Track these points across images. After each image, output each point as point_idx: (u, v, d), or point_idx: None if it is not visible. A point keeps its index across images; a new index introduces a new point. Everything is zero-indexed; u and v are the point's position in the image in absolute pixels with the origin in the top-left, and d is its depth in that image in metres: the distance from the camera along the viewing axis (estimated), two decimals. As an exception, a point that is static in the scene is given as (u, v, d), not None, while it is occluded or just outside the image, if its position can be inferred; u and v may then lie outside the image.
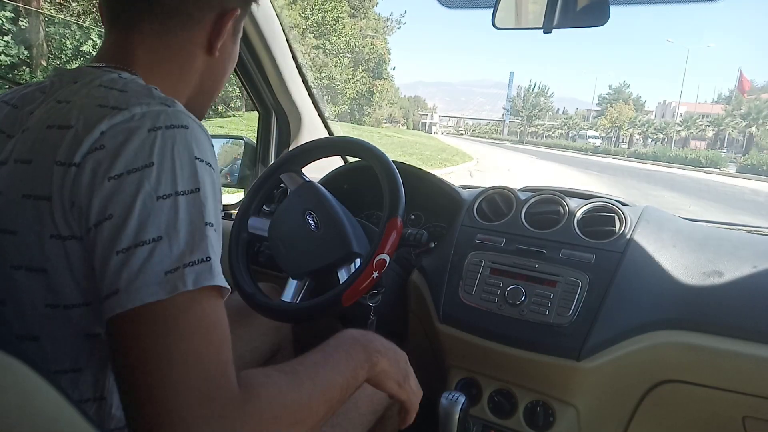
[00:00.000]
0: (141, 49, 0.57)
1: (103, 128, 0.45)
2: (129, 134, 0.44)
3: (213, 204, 0.46)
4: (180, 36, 0.59)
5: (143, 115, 0.46)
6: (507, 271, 0.96)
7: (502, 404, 0.96)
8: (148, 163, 0.43)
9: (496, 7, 0.95)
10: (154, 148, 0.44)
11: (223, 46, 0.62)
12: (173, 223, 0.42)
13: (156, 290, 0.41)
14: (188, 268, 0.42)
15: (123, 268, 0.41)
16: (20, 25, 8.76)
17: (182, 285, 0.41)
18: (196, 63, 0.61)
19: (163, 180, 0.43)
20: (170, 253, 0.42)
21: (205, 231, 0.44)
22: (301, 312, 0.94)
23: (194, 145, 0.46)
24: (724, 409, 0.85)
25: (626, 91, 66.34)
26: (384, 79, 27.92)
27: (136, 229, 0.42)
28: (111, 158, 0.43)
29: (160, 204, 0.42)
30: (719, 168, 25.40)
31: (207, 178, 0.46)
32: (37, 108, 0.52)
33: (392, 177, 0.93)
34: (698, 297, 0.86)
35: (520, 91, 75.09)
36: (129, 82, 0.51)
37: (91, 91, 0.49)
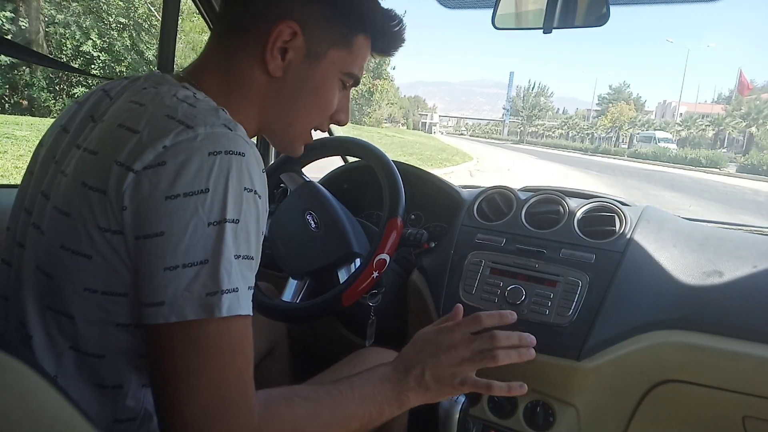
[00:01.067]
0: (212, 64, 0.60)
1: (167, 143, 0.47)
2: (190, 154, 0.46)
3: (255, 235, 0.49)
4: (235, 48, 0.58)
5: (206, 136, 0.47)
6: (507, 271, 0.96)
7: (502, 404, 0.96)
8: (204, 189, 0.46)
9: (496, 7, 0.95)
10: (212, 174, 0.46)
11: (290, 67, 0.59)
12: (218, 250, 0.45)
13: (197, 310, 0.45)
14: (225, 295, 0.45)
15: (170, 283, 0.45)
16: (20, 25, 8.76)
17: (218, 311, 0.45)
18: (257, 82, 0.60)
19: (214, 207, 0.46)
20: (211, 277, 0.45)
21: (238, 263, 0.47)
22: (301, 312, 0.94)
23: (247, 174, 0.48)
24: (724, 409, 0.85)
25: (626, 91, 66.36)
26: (384, 79, 27.92)
27: (185, 251, 0.45)
28: (171, 177, 0.45)
29: (210, 230, 0.45)
30: (719, 168, 25.41)
31: (252, 208, 0.49)
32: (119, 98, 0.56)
33: (392, 177, 0.93)
34: (698, 297, 0.86)
35: (519, 91, 75.10)
36: (199, 102, 0.52)
37: (164, 100, 0.51)
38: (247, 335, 0.48)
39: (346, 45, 0.62)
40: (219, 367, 0.46)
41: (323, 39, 0.60)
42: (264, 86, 0.60)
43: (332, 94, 0.65)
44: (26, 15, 8.90)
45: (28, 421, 0.39)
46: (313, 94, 0.63)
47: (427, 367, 0.61)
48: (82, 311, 0.50)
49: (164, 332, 0.46)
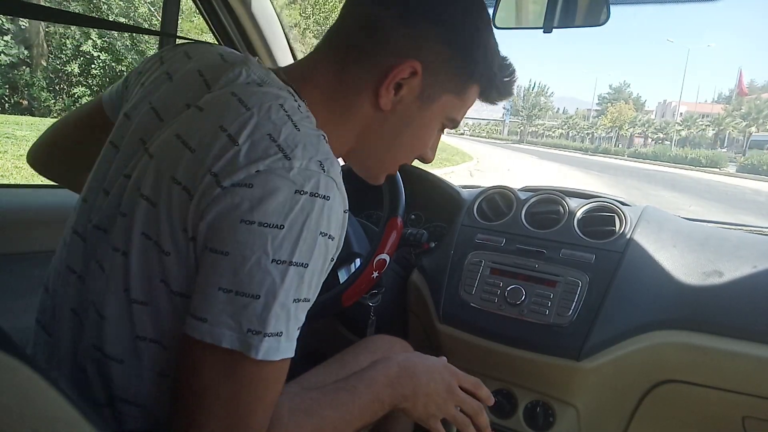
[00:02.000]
0: (320, 77, 0.58)
1: (261, 168, 0.46)
2: (279, 186, 0.45)
3: (318, 277, 0.49)
4: (352, 71, 0.57)
5: (299, 172, 0.46)
6: (507, 271, 0.96)
7: (502, 404, 0.96)
8: (280, 225, 0.45)
9: (496, 7, 0.95)
10: (291, 212, 0.45)
11: (400, 104, 0.58)
12: (274, 290, 0.44)
13: (233, 341, 0.44)
14: (266, 338, 0.44)
15: (219, 304, 0.44)
16: (20, 24, 8.76)
17: (254, 352, 0.44)
18: (362, 110, 0.59)
19: (284, 246, 0.45)
20: (259, 316, 0.44)
21: (290, 307, 0.46)
22: (301, 312, 0.94)
23: (327, 219, 0.47)
24: (724, 409, 0.85)
25: (626, 91, 66.39)
26: (384, 79, 27.90)
27: (242, 279, 0.44)
28: (253, 203, 0.45)
29: (272, 267, 0.44)
30: (719, 168, 25.41)
31: (323, 254, 0.48)
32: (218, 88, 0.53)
33: (392, 177, 0.93)
34: (698, 297, 0.86)
35: (520, 91, 75.06)
36: (304, 120, 0.51)
37: (271, 111, 0.50)
38: (280, 375, 0.48)
39: (459, 92, 0.61)
40: (243, 400, 0.45)
41: (441, 83, 0.59)
42: (369, 117, 0.59)
43: (432, 136, 0.64)
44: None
45: (28, 421, 0.39)
46: (416, 134, 0.62)
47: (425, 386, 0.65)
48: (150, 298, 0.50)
49: (197, 348, 0.45)
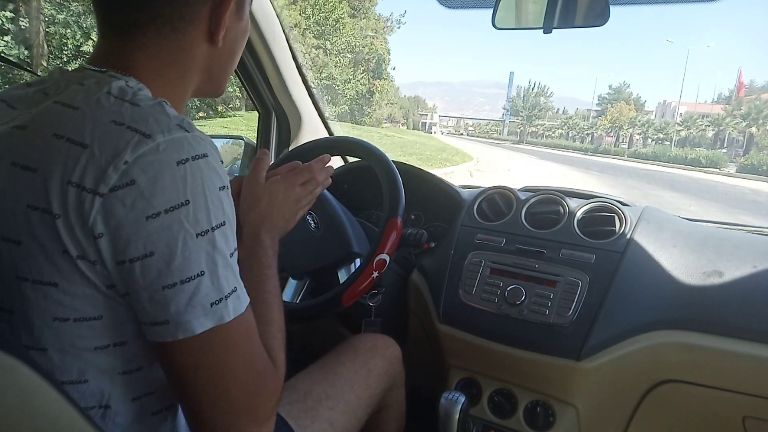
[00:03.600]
0: (140, 56, 0.54)
1: (127, 158, 0.43)
2: (159, 169, 0.44)
3: (235, 225, 0.50)
4: (177, 39, 0.55)
5: (167, 145, 0.45)
6: (507, 271, 0.96)
7: (502, 404, 0.96)
8: (184, 201, 0.44)
9: (496, 7, 0.95)
10: (186, 184, 0.45)
11: (227, 31, 0.58)
12: (212, 258, 0.46)
13: (204, 321, 0.45)
14: (229, 298, 0.47)
15: (171, 302, 0.44)
16: (20, 24, 8.76)
17: (227, 315, 0.46)
18: (198, 59, 0.58)
19: (199, 217, 0.45)
20: (212, 287, 0.46)
21: (231, 261, 0.48)
22: (301, 312, 0.94)
23: (215, 173, 0.48)
24: (724, 409, 0.85)
25: (626, 91, 66.35)
26: (384, 79, 27.92)
27: (181, 267, 0.44)
28: (146, 196, 0.43)
29: (199, 241, 0.45)
30: (719, 168, 25.40)
31: (229, 205, 0.49)
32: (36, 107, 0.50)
33: (392, 177, 0.93)
34: (698, 297, 0.85)
35: (519, 91, 75.08)
36: (138, 93, 0.49)
37: (101, 100, 0.47)
38: (251, 316, 0.51)
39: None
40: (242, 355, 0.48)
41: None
42: (206, 57, 0.58)
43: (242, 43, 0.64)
44: (26, 15, 8.90)
45: (28, 421, 0.39)
46: (244, 38, 0.63)
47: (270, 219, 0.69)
48: (54, 342, 0.47)
49: (177, 349, 0.46)
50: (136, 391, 0.53)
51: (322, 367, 0.82)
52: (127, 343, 0.50)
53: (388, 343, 0.91)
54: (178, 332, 0.45)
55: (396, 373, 0.91)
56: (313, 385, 0.78)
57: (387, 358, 0.88)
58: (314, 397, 0.76)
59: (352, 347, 0.87)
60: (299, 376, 0.80)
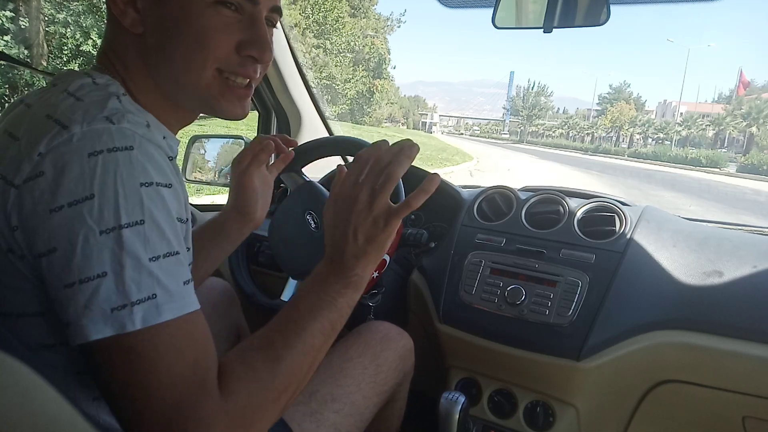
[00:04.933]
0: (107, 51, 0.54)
1: (41, 149, 0.42)
2: (68, 160, 0.42)
3: (170, 228, 0.44)
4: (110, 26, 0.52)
5: (83, 135, 0.42)
6: (507, 271, 0.96)
7: (502, 404, 0.96)
8: (89, 195, 0.41)
9: (496, 6, 0.95)
10: (95, 177, 0.41)
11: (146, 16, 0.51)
12: (118, 259, 0.41)
13: (102, 327, 0.40)
14: (136, 306, 0.41)
15: (70, 302, 0.41)
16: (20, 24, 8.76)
17: (131, 324, 0.40)
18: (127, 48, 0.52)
19: (105, 213, 0.41)
20: (116, 290, 0.41)
21: (150, 267, 0.42)
22: (301, 312, 0.94)
23: (141, 168, 0.43)
24: (724, 409, 0.85)
25: (627, 91, 66.35)
26: (384, 79, 27.92)
27: (80, 265, 0.40)
28: (51, 188, 0.41)
29: (103, 239, 0.41)
30: (720, 168, 25.40)
31: (157, 204, 0.44)
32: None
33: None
34: (698, 297, 0.85)
35: (520, 91, 75.09)
36: (93, 90, 0.47)
37: (50, 98, 0.46)
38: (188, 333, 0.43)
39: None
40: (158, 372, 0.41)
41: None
42: (138, 50, 0.53)
43: (203, 24, 0.52)
44: (26, 14, 8.89)
45: (28, 421, 0.39)
46: (181, 33, 0.51)
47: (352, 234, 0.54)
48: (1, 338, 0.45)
49: (89, 352, 0.42)
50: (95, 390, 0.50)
51: (329, 364, 0.76)
52: None
53: (401, 334, 0.86)
54: (76, 336, 0.41)
55: (407, 367, 0.86)
56: (318, 385, 0.73)
57: (398, 351, 0.83)
58: (319, 399, 0.71)
59: (363, 339, 0.81)
60: None
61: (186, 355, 0.43)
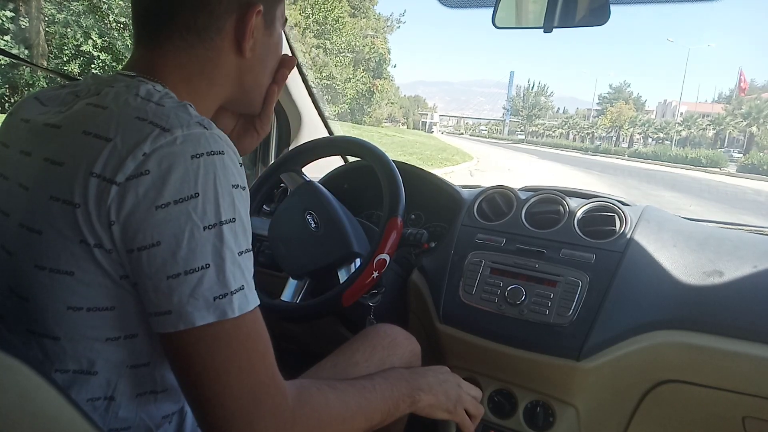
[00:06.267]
0: (168, 64, 0.57)
1: (146, 150, 0.45)
2: (173, 161, 0.45)
3: (249, 227, 0.50)
4: (203, 48, 0.57)
5: (185, 139, 0.47)
6: (507, 271, 0.96)
7: (502, 404, 0.96)
8: (194, 194, 0.45)
9: (496, 6, 0.95)
10: (198, 178, 0.46)
11: (255, 43, 0.59)
12: (219, 252, 0.46)
13: (205, 315, 0.45)
14: (234, 295, 0.46)
15: (174, 292, 0.45)
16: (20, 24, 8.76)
17: (230, 312, 0.46)
18: (226, 69, 0.59)
19: (208, 211, 0.46)
20: (217, 281, 0.45)
21: (239, 261, 0.47)
22: (302, 312, 0.94)
23: (231, 171, 0.48)
24: (724, 409, 0.85)
25: (626, 91, 66.36)
26: (384, 79, 27.93)
27: (186, 258, 0.45)
28: (158, 186, 0.45)
29: (206, 234, 0.45)
30: (720, 167, 25.40)
31: (242, 204, 0.49)
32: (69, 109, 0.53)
33: (392, 177, 0.93)
34: (698, 297, 0.85)
35: (519, 91, 75.10)
36: (164, 96, 0.51)
37: (129, 101, 0.49)
38: (261, 323, 0.49)
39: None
40: (242, 359, 0.47)
41: (274, 4, 0.61)
42: (235, 68, 0.59)
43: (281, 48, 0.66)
44: (26, 14, 8.90)
45: (28, 421, 0.39)
46: (275, 54, 0.64)
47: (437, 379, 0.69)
48: (66, 331, 0.49)
49: (177, 340, 0.46)
50: (142, 386, 0.53)
51: (334, 368, 0.77)
52: (137, 336, 0.51)
53: (408, 339, 0.86)
54: (179, 323, 0.45)
55: None
56: None
57: (405, 357, 0.84)
58: None
59: (370, 342, 0.82)
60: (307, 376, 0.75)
61: (259, 346, 0.48)
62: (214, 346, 0.46)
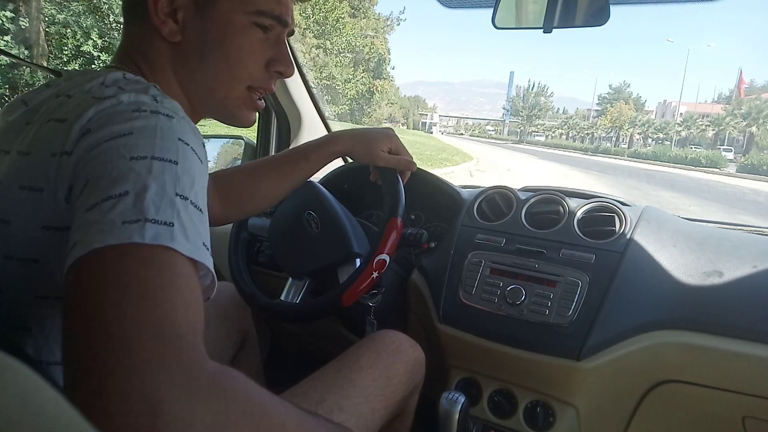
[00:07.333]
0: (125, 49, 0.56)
1: (90, 114, 0.45)
2: (113, 115, 0.44)
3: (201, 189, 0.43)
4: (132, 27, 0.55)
5: (130, 102, 0.45)
6: (507, 271, 0.96)
7: (502, 404, 0.96)
8: (127, 133, 0.42)
9: (496, 7, 0.95)
10: (136, 121, 0.43)
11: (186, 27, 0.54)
12: (143, 182, 0.39)
13: (107, 237, 0.36)
14: (149, 223, 0.37)
15: (87, 222, 0.38)
16: (20, 24, 8.76)
17: (139, 237, 0.36)
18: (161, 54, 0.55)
19: (140, 145, 0.42)
20: (133, 207, 0.38)
21: (174, 199, 0.40)
22: (302, 312, 0.94)
23: (178, 129, 0.44)
24: (724, 409, 0.85)
25: (626, 91, 66.39)
26: (384, 79, 27.94)
27: (106, 187, 0.39)
28: (97, 130, 0.44)
29: (132, 163, 0.40)
30: (719, 168, 25.41)
31: (193, 161, 0.43)
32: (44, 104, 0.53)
33: (392, 177, 0.93)
34: (698, 297, 0.85)
35: (519, 91, 75.11)
36: (131, 82, 0.50)
37: (92, 88, 0.49)
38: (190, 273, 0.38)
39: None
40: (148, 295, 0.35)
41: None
42: (170, 57, 0.56)
43: (242, 42, 0.57)
44: (26, 15, 8.90)
45: (28, 421, 0.39)
46: (219, 47, 0.56)
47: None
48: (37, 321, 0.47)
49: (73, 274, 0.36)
50: None
51: (338, 372, 0.76)
52: None
53: (413, 347, 0.85)
54: (80, 251, 0.36)
55: (417, 380, 0.85)
56: (326, 395, 0.71)
57: (409, 365, 0.82)
58: (326, 408, 0.70)
59: (375, 348, 0.80)
60: (311, 380, 0.73)
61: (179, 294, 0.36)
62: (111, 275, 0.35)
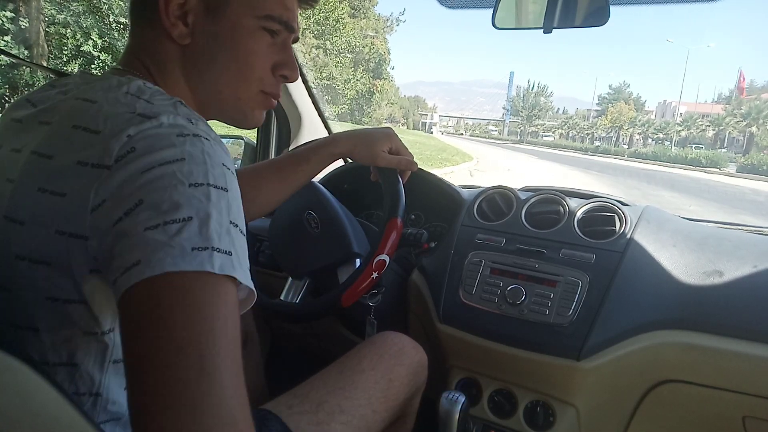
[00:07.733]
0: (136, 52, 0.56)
1: (130, 132, 0.45)
2: (158, 138, 0.44)
3: (239, 207, 0.46)
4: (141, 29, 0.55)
5: (170, 124, 0.46)
6: (507, 271, 0.96)
7: (502, 404, 0.96)
8: (179, 158, 0.43)
9: (496, 7, 0.95)
10: (185, 146, 0.44)
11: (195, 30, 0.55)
12: (205, 208, 0.41)
13: (179, 262, 0.38)
14: (216, 252, 0.40)
15: (149, 241, 0.39)
16: (20, 24, 8.76)
17: (209, 265, 0.39)
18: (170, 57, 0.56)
19: (195, 172, 0.43)
20: (199, 233, 0.40)
21: (230, 228, 0.43)
22: (301, 312, 0.94)
23: (220, 152, 0.47)
24: (724, 409, 0.85)
25: (626, 91, 66.41)
26: (384, 79, 27.95)
27: (167, 210, 0.40)
28: (143, 157, 0.43)
29: (192, 190, 0.42)
30: (719, 168, 25.41)
31: (234, 185, 0.46)
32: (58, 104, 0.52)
33: (392, 177, 0.93)
34: (698, 297, 0.85)
35: (519, 91, 75.12)
36: (155, 93, 0.50)
37: (119, 98, 0.49)
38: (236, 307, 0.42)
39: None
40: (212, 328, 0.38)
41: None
42: (180, 59, 0.57)
43: (252, 46, 0.58)
44: (26, 15, 8.90)
45: (28, 421, 0.39)
46: (229, 51, 0.57)
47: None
48: (45, 323, 0.47)
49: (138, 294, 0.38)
50: None
51: (340, 374, 0.75)
52: (115, 330, 0.49)
53: (415, 349, 0.84)
54: (146, 270, 0.38)
55: (419, 383, 0.84)
56: (327, 396, 0.71)
57: (412, 367, 0.82)
58: (327, 409, 0.69)
59: (377, 350, 0.79)
60: (313, 382, 0.73)
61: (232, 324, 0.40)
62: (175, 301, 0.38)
